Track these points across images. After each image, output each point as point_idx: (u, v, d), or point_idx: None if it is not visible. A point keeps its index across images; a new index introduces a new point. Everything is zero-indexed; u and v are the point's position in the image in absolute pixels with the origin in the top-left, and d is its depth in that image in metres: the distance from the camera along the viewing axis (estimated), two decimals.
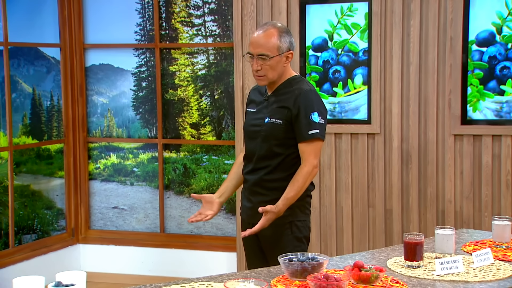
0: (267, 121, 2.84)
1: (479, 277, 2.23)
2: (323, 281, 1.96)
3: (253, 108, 2.96)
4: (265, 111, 2.88)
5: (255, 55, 2.79)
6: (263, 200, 2.79)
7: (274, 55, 2.78)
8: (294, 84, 2.86)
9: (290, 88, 2.85)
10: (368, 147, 4.23)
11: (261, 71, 2.81)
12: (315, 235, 4.33)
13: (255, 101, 2.98)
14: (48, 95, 4.93)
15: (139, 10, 4.91)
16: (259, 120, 2.88)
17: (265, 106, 2.90)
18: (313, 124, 2.78)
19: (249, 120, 2.96)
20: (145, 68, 4.97)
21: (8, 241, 4.53)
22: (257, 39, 2.81)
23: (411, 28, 4.08)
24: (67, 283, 1.80)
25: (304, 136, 2.77)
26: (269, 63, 2.79)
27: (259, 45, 2.79)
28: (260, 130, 2.85)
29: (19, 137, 4.68)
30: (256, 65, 2.80)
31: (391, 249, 2.60)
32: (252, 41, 2.83)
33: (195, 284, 2.07)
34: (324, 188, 4.31)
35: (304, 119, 2.77)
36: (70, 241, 5.03)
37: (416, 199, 4.15)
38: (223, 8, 4.73)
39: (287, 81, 2.88)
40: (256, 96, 2.99)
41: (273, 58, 2.79)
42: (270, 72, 2.81)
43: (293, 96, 2.81)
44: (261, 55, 2.79)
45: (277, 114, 2.82)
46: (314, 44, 4.28)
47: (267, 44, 2.79)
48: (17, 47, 4.64)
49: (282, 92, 2.87)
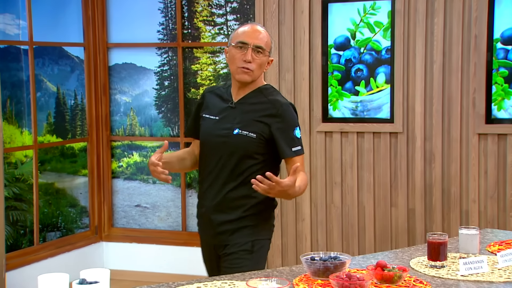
0: (236, 132, 2.61)
1: (504, 278, 2.21)
2: (346, 280, 1.95)
3: (214, 115, 2.69)
4: (233, 121, 2.64)
5: (252, 45, 2.61)
6: (226, 220, 2.63)
7: (268, 52, 2.66)
8: (268, 94, 2.68)
9: (263, 99, 2.66)
10: (390, 146, 4.20)
11: (252, 65, 2.62)
12: (336, 234, 4.31)
13: (214, 107, 2.71)
14: (72, 94, 4.97)
15: (162, 9, 4.94)
16: (225, 130, 2.64)
17: (231, 114, 2.66)
18: (296, 141, 2.64)
19: (209, 129, 2.69)
20: (168, 67, 5.00)
21: (33, 238, 4.58)
22: (256, 31, 2.65)
23: (435, 26, 4.05)
24: (91, 280, 1.81)
25: (287, 153, 2.62)
26: (262, 59, 2.64)
27: (258, 38, 2.63)
28: (227, 141, 2.62)
29: (44, 136, 4.73)
30: (249, 56, 2.60)
31: (414, 249, 2.58)
32: (249, 32, 2.64)
33: (217, 283, 2.07)
34: (346, 187, 4.29)
35: (288, 136, 2.62)
36: (93, 238, 5.07)
37: (439, 199, 4.11)
38: (245, 7, 4.73)
39: (258, 90, 2.69)
40: (215, 101, 2.73)
41: (265, 56, 2.65)
42: (257, 70, 2.64)
43: (272, 110, 2.62)
44: (258, 47, 2.63)
45: (251, 127, 2.61)
46: (336, 42, 4.27)
47: (264, 39, 2.65)
48: (41, 46, 4.69)
49: (254, 101, 2.66)
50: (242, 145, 2.59)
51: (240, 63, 2.62)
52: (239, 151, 2.60)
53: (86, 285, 1.78)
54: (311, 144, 4.34)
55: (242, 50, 2.62)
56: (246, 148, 2.60)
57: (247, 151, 2.60)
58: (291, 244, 4.41)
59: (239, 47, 2.62)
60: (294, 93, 4.34)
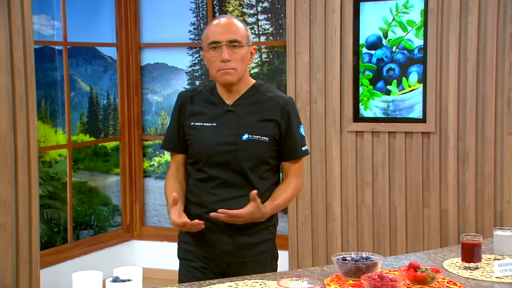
0: (246, 138, 2.34)
1: None
2: (378, 281, 1.93)
3: (208, 122, 2.38)
4: (237, 126, 2.36)
5: (224, 41, 2.31)
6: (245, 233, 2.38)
7: (245, 42, 2.35)
8: (267, 91, 2.42)
9: (263, 97, 2.40)
10: (423, 146, 4.16)
11: (232, 63, 2.32)
12: (367, 235, 4.28)
13: (205, 113, 2.40)
14: (104, 93, 5.03)
15: (193, 9, 4.96)
16: (230, 137, 2.34)
17: (231, 119, 2.37)
18: (303, 139, 2.42)
19: (209, 138, 2.36)
20: (199, 66, 5.02)
21: (67, 236, 4.64)
22: (225, 25, 2.35)
23: (469, 25, 3.98)
24: (124, 278, 1.82)
25: (299, 153, 2.40)
26: (241, 53, 2.33)
27: (229, 31, 2.33)
28: (236, 149, 2.33)
29: (77, 135, 4.80)
30: (225, 54, 2.30)
31: (448, 250, 2.54)
32: (217, 29, 2.34)
33: (248, 282, 2.07)
34: (377, 187, 4.26)
35: (297, 134, 2.40)
36: (125, 237, 5.12)
37: (473, 199, 4.05)
38: (276, 7, 4.73)
39: (253, 88, 2.42)
40: (202, 106, 2.42)
41: (243, 47, 2.34)
42: (241, 65, 2.34)
43: (275, 106, 2.38)
44: (232, 42, 2.32)
45: (261, 130, 2.35)
46: (368, 42, 4.23)
47: (238, 30, 2.34)
48: (75, 47, 4.75)
49: (254, 101, 2.39)
50: (255, 151, 2.34)
51: (218, 66, 2.33)
52: (253, 158, 2.34)
53: (120, 283, 1.79)
54: (342, 144, 4.31)
55: (216, 50, 2.33)
56: (260, 154, 2.35)
57: (261, 157, 2.35)
58: (322, 244, 4.39)
59: (212, 48, 2.33)
60: (325, 92, 4.32)
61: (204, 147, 2.37)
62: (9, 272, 3.54)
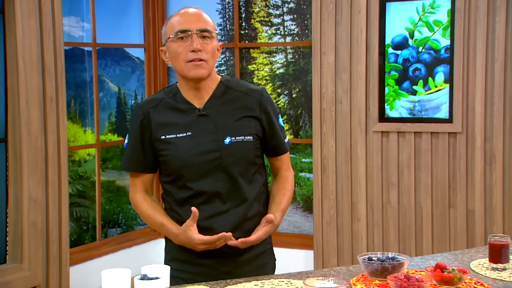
0: (229, 141, 2.12)
1: None
2: (404, 281, 1.91)
3: (181, 132, 2.14)
4: (215, 130, 2.13)
5: (195, 30, 2.09)
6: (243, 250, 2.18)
7: (214, 34, 2.14)
8: (238, 86, 2.20)
9: (235, 93, 2.18)
10: (449, 146, 4.11)
11: (203, 53, 2.10)
12: (393, 235, 4.25)
13: (174, 124, 2.15)
14: (132, 94, 5.06)
15: (220, 10, 4.97)
16: (211, 143, 2.12)
17: (205, 124, 2.14)
18: (283, 131, 2.26)
19: (186, 149, 2.12)
20: (225, 67, 5.03)
21: (95, 234, 4.69)
22: (194, 14, 2.13)
23: (496, 24, 3.93)
24: (152, 276, 1.84)
25: (284, 147, 2.25)
26: (212, 45, 2.12)
27: (199, 20, 2.11)
28: (220, 156, 2.11)
29: (106, 135, 4.84)
30: (196, 43, 2.08)
31: (475, 251, 2.51)
32: (186, 17, 2.12)
33: (275, 281, 2.07)
34: (403, 188, 4.22)
35: (278, 126, 2.22)
36: (152, 235, 5.15)
37: (500, 200, 3.99)
38: (302, 7, 4.72)
39: (221, 84, 2.19)
40: (169, 116, 2.15)
41: (214, 40, 2.13)
42: (211, 58, 2.12)
43: (251, 101, 2.17)
44: (203, 31, 2.11)
45: (243, 129, 2.14)
46: (393, 42, 4.20)
47: (208, 21, 2.14)
48: (104, 48, 4.79)
49: (226, 100, 2.17)
50: (241, 153, 2.12)
51: (187, 56, 2.09)
52: (241, 162, 2.13)
53: (148, 280, 1.80)
54: (367, 144, 4.28)
55: (184, 40, 2.10)
56: (247, 155, 2.14)
57: (248, 158, 2.14)
58: (347, 244, 4.37)
59: (180, 38, 2.10)
60: (351, 93, 4.30)
61: (183, 161, 2.13)
62: (39, 269, 3.59)
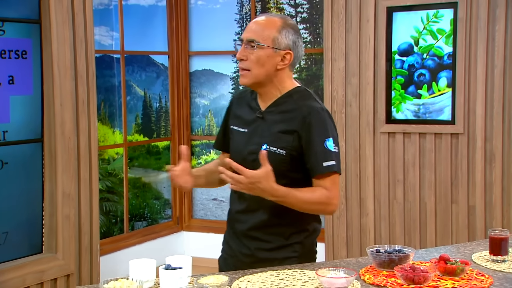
0: (265, 148, 2.01)
1: None
2: (410, 272, 1.90)
3: (243, 127, 2.13)
4: (262, 134, 2.07)
5: (244, 40, 2.03)
6: (263, 248, 2.11)
7: (265, 44, 2.01)
8: (298, 98, 2.06)
9: (293, 104, 2.05)
10: (451, 147, 4.08)
11: (245, 63, 2.01)
12: (399, 229, 4.23)
13: (243, 118, 2.14)
14: (157, 97, 5.09)
15: (238, 20, 4.98)
16: (254, 145, 2.06)
17: (260, 126, 2.09)
18: (328, 154, 2.00)
19: (239, 144, 2.12)
20: None
21: (123, 227, 4.72)
22: (253, 24, 2.06)
23: (496, 33, 3.90)
24: (176, 266, 1.85)
25: (318, 169, 2.00)
26: (257, 54, 2.00)
27: (249, 30, 2.04)
28: (256, 159, 1.96)
29: (132, 135, 4.87)
30: (239, 53, 2.02)
31: (476, 244, 2.49)
32: (248, 26, 2.09)
33: (289, 271, 2.07)
34: (408, 185, 4.20)
35: (318, 147, 2.00)
36: (175, 228, 5.17)
37: (499, 196, 3.96)
38: (314, 17, 4.71)
39: (288, 94, 2.07)
40: (243, 110, 2.16)
41: (262, 48, 2.00)
42: (256, 68, 2.01)
43: (299, 115, 2.02)
44: (250, 41, 2.02)
45: (279, 142, 2.02)
46: (400, 49, 4.18)
47: (261, 31, 2.02)
48: (131, 55, 4.82)
49: (284, 109, 2.05)
50: (272, 163, 1.93)
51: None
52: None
53: (171, 270, 1.81)
54: (375, 144, 4.27)
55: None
56: (277, 167, 1.95)
57: (278, 171, 1.95)
58: (356, 237, 4.35)
59: (237, 46, 2.07)
60: (359, 96, 4.29)
61: (233, 153, 2.15)
62: (72, 259, 3.62)
